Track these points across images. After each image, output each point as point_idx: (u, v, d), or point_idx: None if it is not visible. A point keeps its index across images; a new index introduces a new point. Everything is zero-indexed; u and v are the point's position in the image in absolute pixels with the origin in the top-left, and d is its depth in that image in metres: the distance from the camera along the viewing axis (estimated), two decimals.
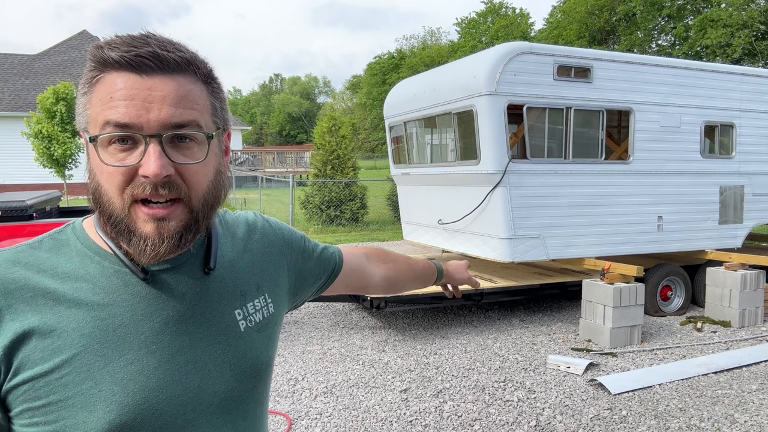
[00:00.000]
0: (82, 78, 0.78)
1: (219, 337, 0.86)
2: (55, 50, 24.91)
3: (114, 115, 0.73)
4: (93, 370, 0.75)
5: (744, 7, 21.27)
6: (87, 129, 0.77)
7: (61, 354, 0.75)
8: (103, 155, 0.75)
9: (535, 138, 5.82)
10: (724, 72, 6.79)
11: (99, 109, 0.74)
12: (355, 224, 13.81)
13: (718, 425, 3.70)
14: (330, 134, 14.11)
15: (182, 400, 0.80)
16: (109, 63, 0.74)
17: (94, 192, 0.78)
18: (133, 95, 0.73)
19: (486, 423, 3.75)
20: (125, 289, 0.80)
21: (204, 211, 0.80)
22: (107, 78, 0.75)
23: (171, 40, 0.78)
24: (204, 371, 0.83)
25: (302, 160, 28.81)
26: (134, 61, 0.73)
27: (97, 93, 0.75)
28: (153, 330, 0.80)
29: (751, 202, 6.99)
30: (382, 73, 46.81)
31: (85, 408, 0.74)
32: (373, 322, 6.10)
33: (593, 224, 6.06)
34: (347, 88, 64.14)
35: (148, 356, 0.78)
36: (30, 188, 13.89)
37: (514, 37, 32.61)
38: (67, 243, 0.83)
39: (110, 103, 0.73)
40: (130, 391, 0.76)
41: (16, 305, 0.75)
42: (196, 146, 0.78)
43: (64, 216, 5.89)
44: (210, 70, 0.81)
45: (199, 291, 0.85)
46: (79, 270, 0.80)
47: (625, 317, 5.26)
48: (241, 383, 0.88)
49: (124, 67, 0.74)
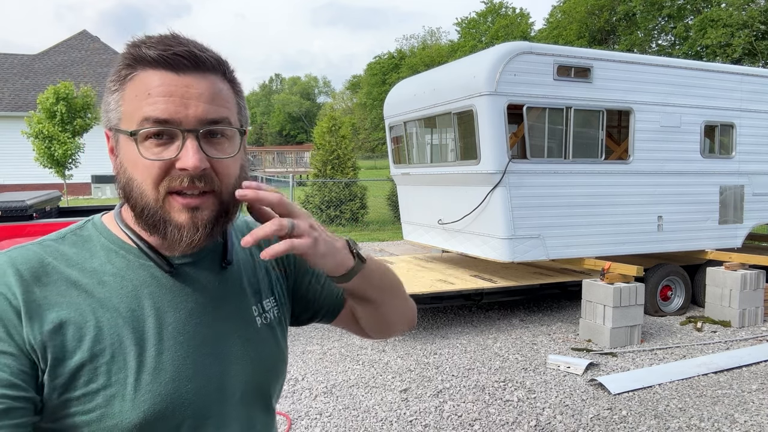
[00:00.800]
0: (112, 75, 0.80)
1: (239, 331, 0.88)
2: (55, 50, 24.91)
3: (153, 111, 0.75)
4: (128, 360, 0.78)
5: (744, 6, 21.27)
6: (118, 126, 0.79)
7: (97, 344, 0.77)
8: (141, 149, 0.77)
9: (535, 138, 5.82)
10: (724, 72, 6.79)
11: (136, 105, 0.77)
12: (355, 224, 13.81)
13: (718, 425, 3.70)
14: (330, 134, 14.12)
15: (209, 390, 0.83)
16: (147, 61, 0.76)
17: (126, 186, 0.80)
18: (172, 92, 0.76)
19: (486, 423, 3.75)
20: (151, 281, 0.82)
21: (233, 202, 0.83)
22: (142, 75, 0.77)
23: (198, 42, 0.81)
24: (226, 363, 0.86)
25: (302, 160, 28.82)
26: (172, 59, 0.76)
27: (132, 90, 0.77)
28: (179, 321, 0.82)
29: (751, 202, 6.99)
30: (382, 73, 46.83)
31: (121, 397, 0.76)
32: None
33: (593, 224, 6.06)
34: (347, 88, 64.16)
35: (176, 347, 0.81)
36: (30, 188, 13.88)
37: (514, 37, 32.61)
38: (90, 238, 0.85)
39: (148, 99, 0.76)
40: (162, 381, 0.79)
41: (51, 296, 0.77)
42: (227, 142, 0.81)
43: (64, 216, 5.89)
44: (233, 72, 0.84)
45: (218, 285, 0.88)
46: (105, 264, 0.82)
47: (625, 317, 5.26)
48: (261, 376, 0.91)
49: (161, 65, 0.76)
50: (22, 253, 0.80)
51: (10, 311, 0.74)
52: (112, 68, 0.81)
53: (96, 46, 25.50)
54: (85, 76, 23.01)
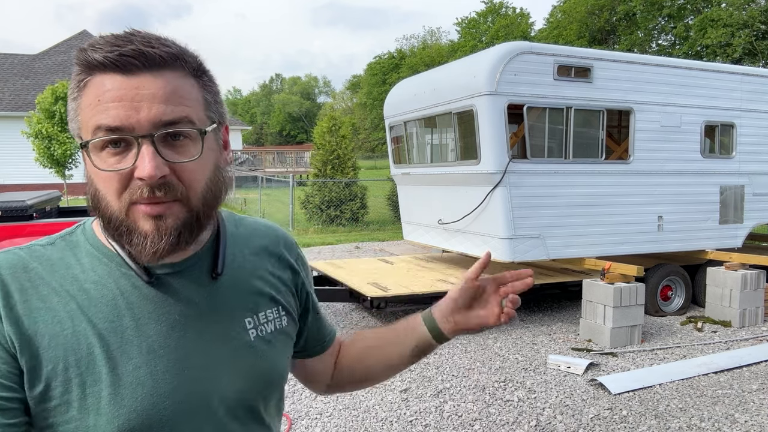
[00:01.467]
0: (71, 83, 0.77)
1: (229, 344, 0.84)
2: (55, 50, 24.91)
3: (104, 119, 0.71)
4: (103, 373, 0.75)
5: (744, 6, 21.27)
6: (80, 135, 0.76)
7: (73, 354, 0.74)
8: (96, 161, 0.73)
9: (535, 138, 5.82)
10: (724, 72, 6.79)
11: (89, 114, 0.73)
12: (355, 224, 13.81)
13: (719, 425, 3.70)
14: (330, 134, 14.11)
15: (190, 406, 0.79)
16: (94, 65, 0.72)
17: (93, 197, 0.77)
18: (121, 96, 0.71)
19: (486, 423, 3.75)
20: (132, 291, 0.79)
21: (204, 209, 0.78)
22: (94, 81, 0.73)
23: (157, 36, 0.75)
24: (212, 377, 0.82)
25: (302, 160, 28.81)
26: (119, 61, 0.71)
27: (86, 97, 0.74)
28: (160, 333, 0.79)
29: (751, 202, 6.99)
30: (382, 73, 46.81)
31: (95, 411, 0.74)
32: (373, 322, 6.09)
33: (593, 224, 6.05)
34: (347, 88, 64.15)
35: (156, 360, 0.78)
36: (30, 188, 13.88)
37: (515, 36, 32.60)
38: (78, 244, 0.83)
39: (99, 107, 0.72)
40: (138, 396, 0.75)
41: (32, 301, 0.75)
42: (191, 143, 0.76)
43: (64, 216, 5.89)
44: (200, 64, 0.79)
45: (207, 296, 0.84)
46: (88, 271, 0.80)
47: (625, 317, 5.26)
48: (253, 391, 0.86)
49: (109, 68, 0.72)
50: (7, 257, 0.78)
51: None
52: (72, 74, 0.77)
53: None
54: None
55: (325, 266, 6.82)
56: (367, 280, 5.99)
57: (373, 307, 5.51)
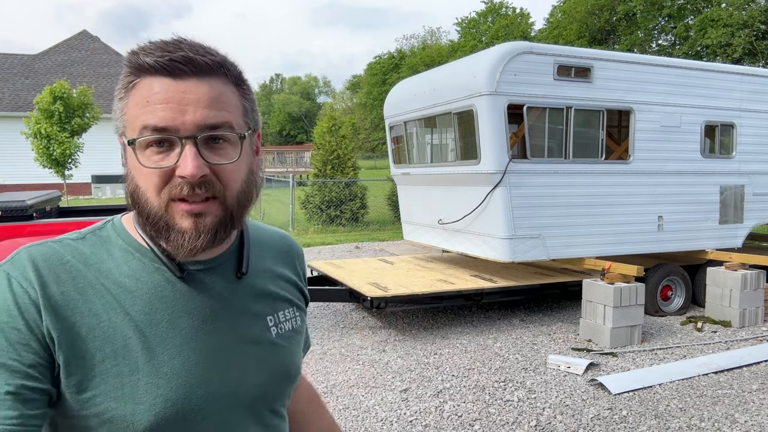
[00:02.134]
0: (119, 83, 0.81)
1: (254, 340, 0.89)
2: (55, 50, 24.91)
3: (152, 119, 0.76)
4: (140, 363, 0.78)
5: (744, 6, 21.27)
6: (125, 133, 0.80)
7: (109, 345, 0.77)
8: (141, 158, 0.78)
9: (535, 138, 5.82)
10: (724, 72, 6.79)
11: (136, 114, 0.77)
12: (355, 224, 13.81)
13: (719, 425, 3.70)
14: (330, 134, 14.11)
15: (220, 396, 0.83)
16: (144, 68, 0.77)
17: (133, 193, 0.81)
18: (169, 99, 0.76)
19: (486, 423, 3.75)
20: (166, 285, 0.83)
21: (237, 208, 0.83)
22: (143, 83, 0.78)
23: (202, 45, 0.80)
24: (239, 370, 0.86)
25: (302, 160, 28.82)
26: (168, 66, 0.76)
27: (134, 97, 0.78)
28: (192, 327, 0.83)
29: (751, 202, 6.99)
30: (382, 73, 46.82)
31: (132, 400, 0.77)
32: (373, 322, 6.10)
33: (593, 224, 6.05)
34: (347, 88, 64.14)
35: (189, 352, 0.82)
36: (30, 188, 13.88)
37: (515, 36, 32.60)
38: (109, 239, 0.85)
39: (147, 108, 0.76)
40: (174, 385, 0.79)
41: (69, 293, 0.78)
42: (230, 147, 0.81)
43: (64, 216, 5.89)
44: (240, 73, 0.84)
45: (234, 293, 0.89)
46: (122, 266, 0.83)
47: (625, 317, 5.26)
48: (274, 385, 0.92)
49: (159, 72, 0.77)
50: (42, 250, 0.80)
51: (31, 305, 0.75)
52: (120, 75, 0.81)
53: (96, 46, 25.51)
54: (85, 76, 23.01)
55: (325, 266, 6.82)
56: (367, 280, 5.99)
57: (373, 307, 5.51)
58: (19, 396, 0.71)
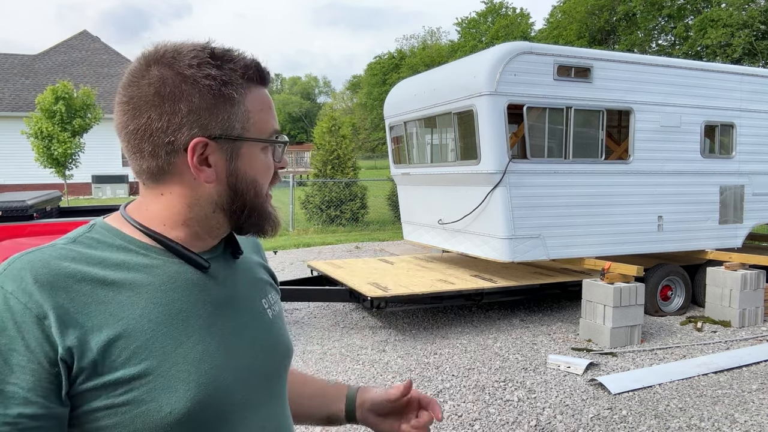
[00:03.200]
0: (226, 86, 0.84)
1: (257, 321, 0.94)
2: (55, 50, 24.92)
3: (276, 124, 0.90)
4: (168, 352, 0.79)
5: (744, 6, 21.27)
6: (242, 135, 0.86)
7: (135, 341, 0.77)
8: (272, 156, 0.90)
9: (535, 138, 5.82)
10: (724, 72, 6.79)
11: (262, 118, 0.88)
12: (356, 224, 13.81)
13: (719, 425, 3.70)
14: (330, 134, 14.12)
15: (241, 378, 0.87)
16: (254, 80, 0.87)
17: (245, 189, 0.87)
18: (271, 105, 0.91)
19: (486, 423, 3.75)
20: (177, 276, 0.84)
21: None
22: (253, 91, 0.87)
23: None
24: (252, 352, 0.90)
25: (302, 160, 28.83)
26: (267, 78, 0.90)
27: (252, 103, 0.87)
28: (208, 314, 0.85)
29: (751, 202, 6.99)
30: (383, 73, 46.79)
31: (166, 389, 0.77)
32: (374, 322, 6.10)
33: (593, 224, 6.06)
34: (347, 88, 64.13)
35: (210, 338, 0.84)
36: (30, 188, 13.88)
37: (515, 37, 32.60)
38: (104, 240, 0.83)
39: (269, 113, 0.89)
40: (202, 371, 0.81)
41: (78, 298, 0.75)
42: None
43: (65, 216, 5.89)
44: None
45: (235, 279, 0.93)
46: (126, 262, 0.81)
47: (625, 317, 5.26)
48: (279, 364, 0.97)
49: (260, 83, 0.89)
50: (39, 257, 0.76)
51: (30, 321, 0.71)
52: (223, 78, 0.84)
53: (96, 47, 25.52)
54: (85, 76, 23.01)
55: (325, 266, 6.83)
56: (367, 280, 5.99)
57: (373, 307, 5.51)
58: (17, 426, 0.68)
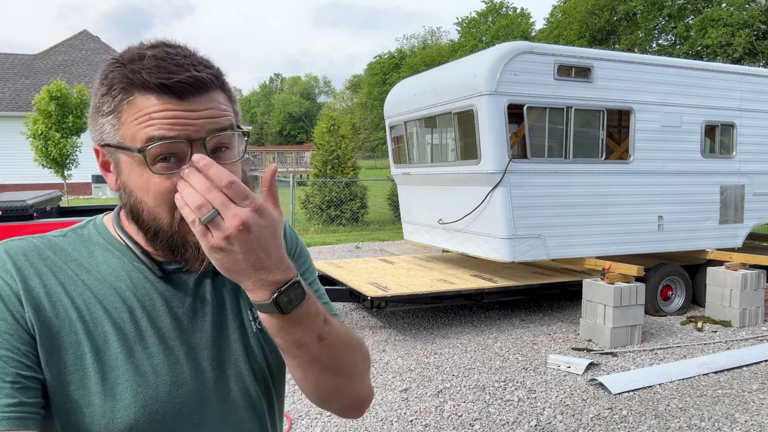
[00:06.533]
0: (104, 96, 0.77)
1: (234, 336, 0.88)
2: (55, 50, 24.91)
3: (157, 131, 0.73)
4: (119, 360, 0.78)
5: (745, 6, 21.27)
6: (121, 144, 0.76)
7: (91, 340, 0.77)
8: (146, 171, 0.75)
9: (535, 138, 5.82)
10: (724, 72, 6.79)
11: (135, 129, 0.74)
12: (356, 224, 13.81)
13: (719, 425, 3.70)
14: (330, 134, 14.12)
15: (202, 395, 0.83)
16: (150, 87, 0.74)
17: (133, 208, 0.78)
18: (176, 116, 0.74)
19: (486, 423, 3.75)
20: (145, 284, 0.83)
21: None
22: (140, 99, 0.75)
23: (195, 54, 0.78)
24: (221, 368, 0.86)
25: (302, 160, 28.83)
26: (176, 87, 0.73)
27: (129, 113, 0.75)
28: (170, 326, 0.83)
29: (751, 202, 6.99)
30: (383, 72, 46.83)
31: (111, 396, 0.77)
32: (374, 322, 6.10)
33: (594, 224, 6.05)
34: (347, 88, 64.11)
35: (167, 351, 0.81)
36: (30, 188, 13.88)
37: (515, 36, 32.61)
38: (90, 238, 0.86)
39: (150, 122, 0.73)
40: (153, 384, 0.79)
41: (50, 286, 0.78)
42: (229, 152, 0.79)
43: (65, 216, 5.89)
44: (224, 77, 0.82)
45: (212, 291, 0.88)
46: (102, 264, 0.83)
47: (625, 317, 5.26)
48: (257, 382, 0.90)
49: (162, 91, 0.74)
50: (20, 244, 0.81)
51: (13, 296, 0.75)
52: (101, 84, 0.78)
53: (96, 46, 25.51)
54: (85, 76, 23.01)
55: (325, 266, 6.83)
56: (367, 280, 5.99)
57: (374, 307, 5.51)
58: (17, 384, 0.71)
